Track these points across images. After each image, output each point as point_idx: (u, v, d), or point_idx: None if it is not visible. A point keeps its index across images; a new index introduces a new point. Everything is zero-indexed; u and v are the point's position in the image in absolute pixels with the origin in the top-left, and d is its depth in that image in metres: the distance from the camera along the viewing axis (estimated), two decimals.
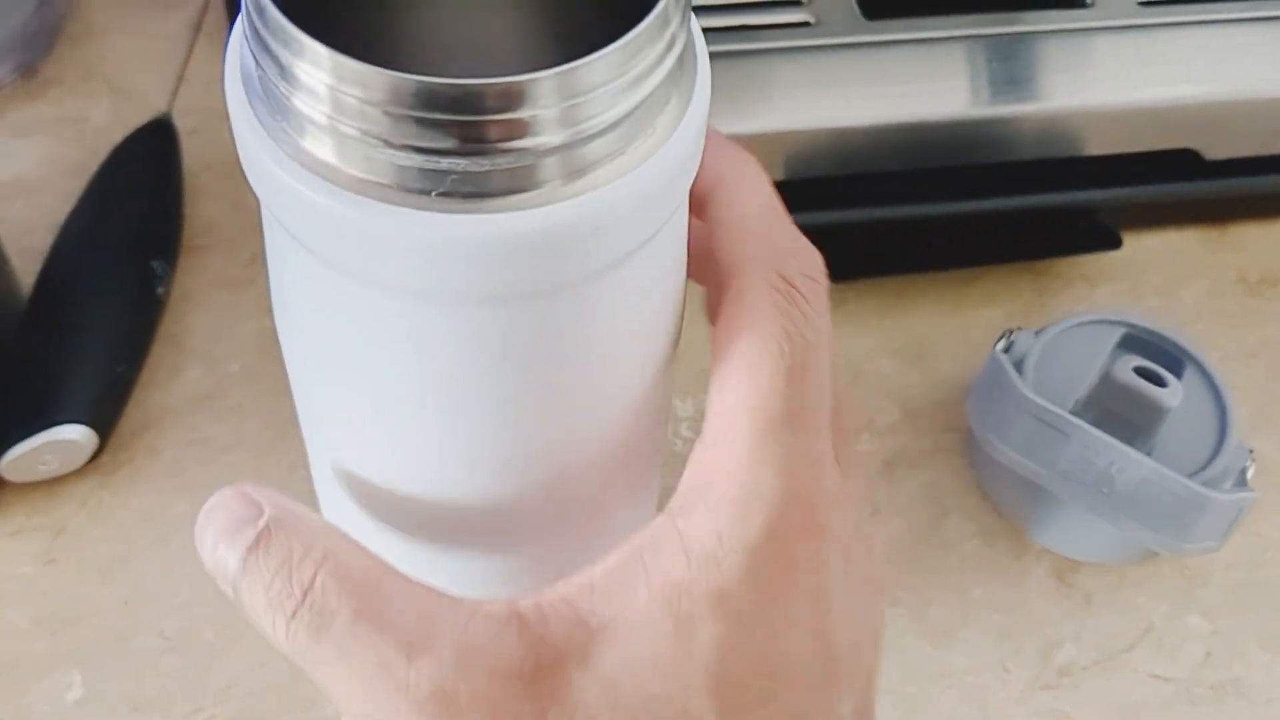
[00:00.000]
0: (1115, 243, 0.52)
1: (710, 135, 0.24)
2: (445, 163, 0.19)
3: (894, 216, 0.50)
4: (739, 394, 0.23)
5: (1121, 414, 0.42)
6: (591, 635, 0.21)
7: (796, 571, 0.22)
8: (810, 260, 0.24)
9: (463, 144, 0.19)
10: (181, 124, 0.53)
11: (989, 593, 0.45)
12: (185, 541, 0.45)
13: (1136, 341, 0.45)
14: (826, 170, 0.49)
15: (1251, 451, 0.43)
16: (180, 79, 0.56)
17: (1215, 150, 0.52)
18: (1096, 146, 0.51)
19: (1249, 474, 0.42)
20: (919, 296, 0.53)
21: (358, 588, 0.22)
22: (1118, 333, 0.45)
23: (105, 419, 0.45)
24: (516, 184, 0.20)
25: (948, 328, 0.52)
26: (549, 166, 0.20)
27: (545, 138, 0.19)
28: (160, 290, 0.48)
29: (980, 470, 0.47)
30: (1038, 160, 0.51)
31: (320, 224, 0.21)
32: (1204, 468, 0.42)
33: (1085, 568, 0.45)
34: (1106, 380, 0.42)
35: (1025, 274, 0.54)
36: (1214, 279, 0.55)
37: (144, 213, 0.49)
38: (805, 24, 0.49)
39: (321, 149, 0.20)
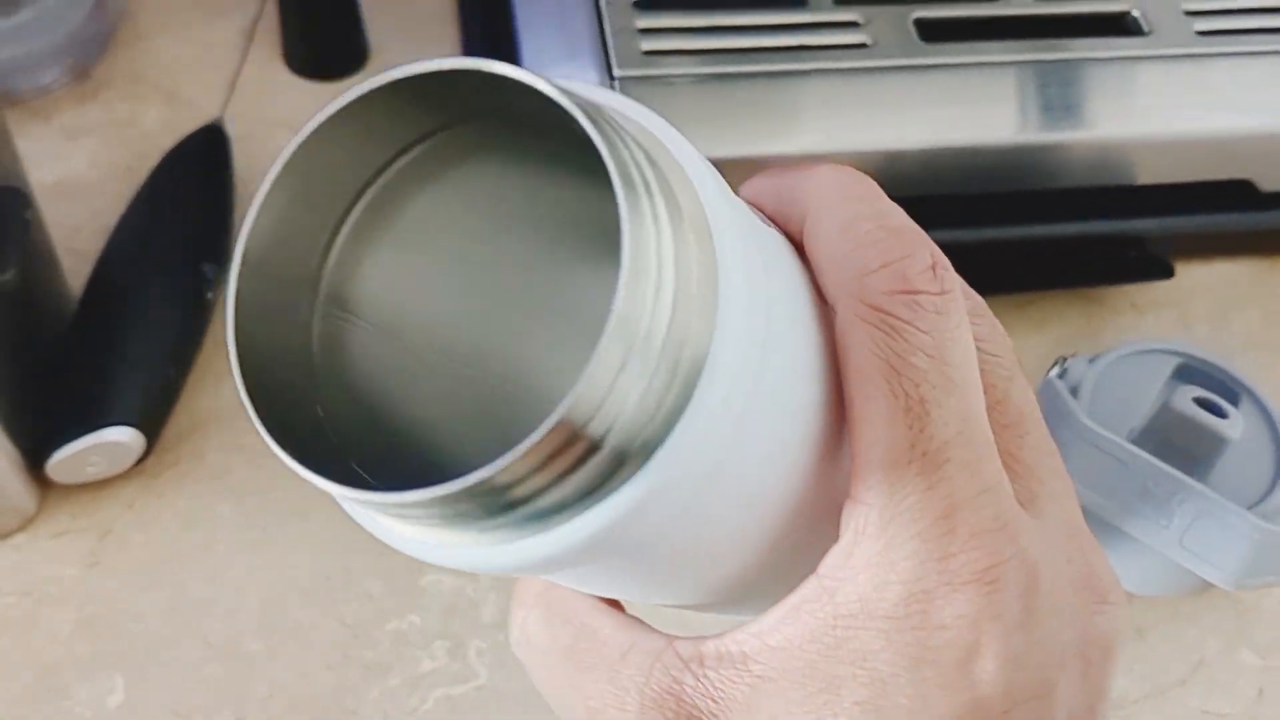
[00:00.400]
0: (1168, 272, 0.52)
1: (775, 174, 0.23)
2: (487, 521, 0.19)
3: (944, 240, 0.50)
4: (860, 445, 0.21)
5: (1179, 445, 0.41)
6: (755, 685, 0.22)
7: (939, 633, 0.21)
8: (906, 271, 0.22)
9: (495, 510, 0.18)
10: (232, 130, 0.53)
11: None
12: (229, 547, 0.45)
13: (1191, 371, 0.45)
14: None
15: None
16: (232, 86, 0.56)
17: (1271, 182, 0.52)
18: (1150, 175, 0.51)
19: None
20: None
21: (569, 629, 0.24)
22: (1173, 362, 0.45)
23: (153, 422, 0.45)
24: (570, 500, 0.19)
25: None
26: (594, 468, 0.18)
27: (581, 466, 0.18)
28: (210, 295, 0.48)
29: None
30: (1090, 188, 0.51)
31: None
32: (1261, 500, 0.41)
33: (1137, 600, 0.45)
34: (1165, 410, 0.42)
35: (1075, 301, 0.54)
36: (1265, 309, 0.54)
37: (195, 217, 0.49)
38: (862, 45, 0.48)
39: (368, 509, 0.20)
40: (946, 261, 0.22)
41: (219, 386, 0.48)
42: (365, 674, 0.43)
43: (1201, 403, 0.42)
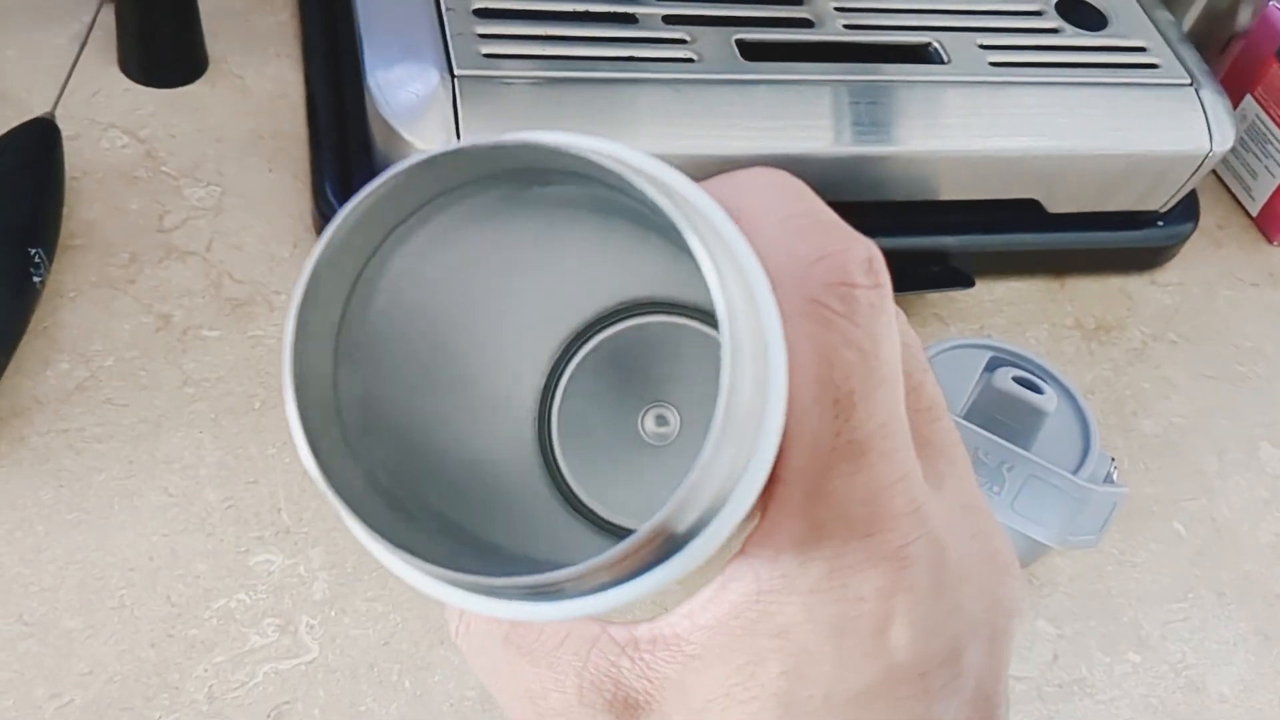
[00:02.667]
0: (968, 282, 0.56)
1: (716, 181, 0.23)
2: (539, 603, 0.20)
3: None
4: (790, 432, 0.21)
5: (1002, 420, 0.45)
6: (687, 665, 0.23)
7: (858, 605, 0.22)
8: (840, 266, 0.22)
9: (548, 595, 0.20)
10: (64, 131, 0.53)
11: None
12: (50, 528, 0.44)
13: (1003, 361, 0.48)
14: None
15: (1113, 459, 0.47)
16: (64, 87, 0.56)
17: (1056, 203, 0.57)
18: (949, 191, 0.55)
19: (1114, 477, 0.46)
20: None
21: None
22: (985, 355, 0.49)
23: None
24: (621, 579, 0.20)
25: None
26: (655, 551, 0.19)
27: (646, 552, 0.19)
28: (38, 280, 0.47)
29: None
30: (898, 202, 0.55)
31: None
32: (1075, 471, 0.45)
33: None
34: (988, 390, 0.45)
35: None
36: (1054, 324, 0.59)
37: (24, 201, 0.48)
38: (689, 60, 0.52)
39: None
40: (880, 257, 0.22)
41: (42, 373, 0.47)
42: (190, 650, 0.42)
43: (1019, 382, 0.45)
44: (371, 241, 0.20)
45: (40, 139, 0.51)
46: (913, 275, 0.56)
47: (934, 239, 0.56)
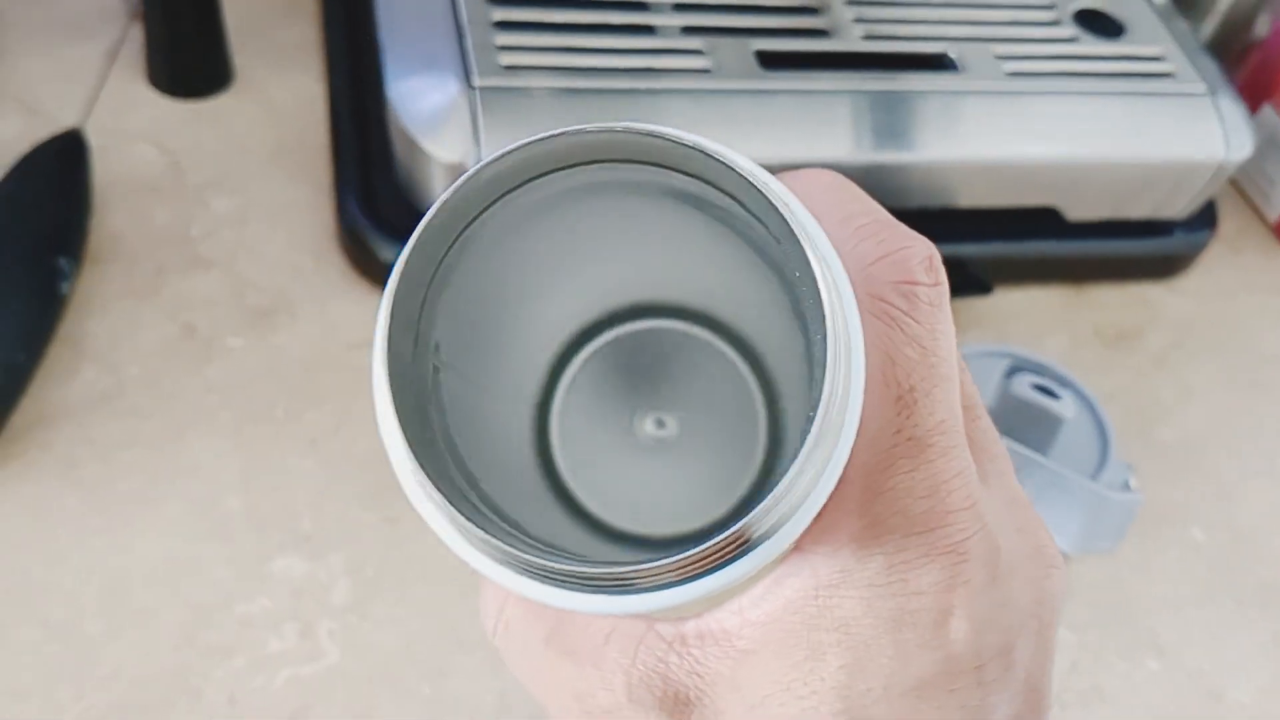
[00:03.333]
0: (986, 288, 0.56)
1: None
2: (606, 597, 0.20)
3: None
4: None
5: (1020, 427, 0.45)
6: (740, 659, 0.22)
7: (918, 598, 0.22)
8: (902, 264, 0.22)
9: (622, 590, 0.20)
10: (93, 143, 0.54)
11: None
12: (74, 534, 0.44)
13: (1021, 369, 0.49)
14: None
15: (1131, 466, 0.47)
16: (94, 101, 0.57)
17: (1075, 210, 0.57)
18: (968, 199, 0.55)
19: (1131, 485, 0.46)
20: None
21: (551, 613, 0.24)
22: (1004, 363, 0.49)
23: (1, 405, 0.45)
24: (690, 576, 0.20)
25: None
26: (729, 550, 0.20)
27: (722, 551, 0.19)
28: (65, 288, 0.48)
29: None
30: (915, 210, 0.55)
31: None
32: (1093, 478, 0.45)
33: None
34: (1005, 397, 0.45)
35: None
36: (1073, 332, 0.59)
37: (52, 212, 0.49)
38: (706, 70, 0.52)
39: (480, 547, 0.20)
40: (939, 256, 0.23)
41: (69, 382, 0.48)
42: (210, 654, 0.43)
43: (1036, 389, 0.45)
44: (457, 227, 0.21)
45: (69, 151, 0.52)
46: None
47: (952, 246, 0.56)
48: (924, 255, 0.23)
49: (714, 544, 0.18)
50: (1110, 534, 0.44)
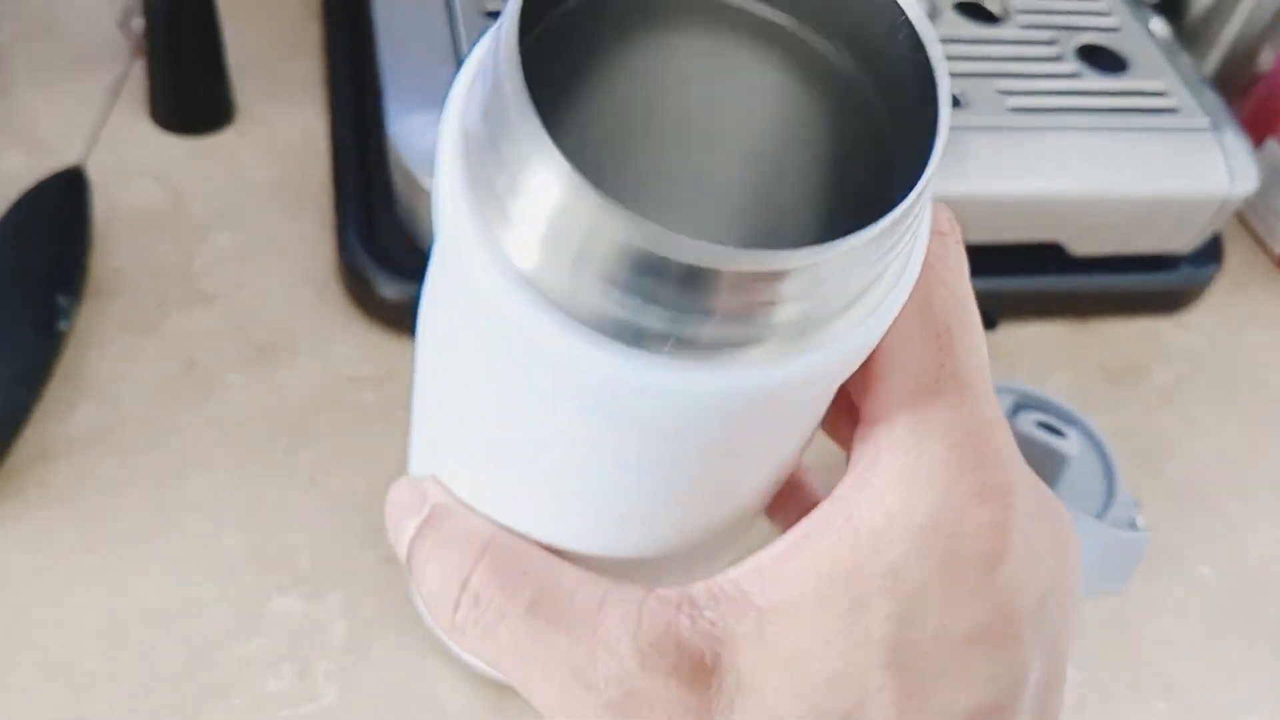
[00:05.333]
0: (990, 324, 0.56)
1: None
2: (679, 323, 0.18)
3: None
4: (889, 368, 0.22)
5: None
6: (764, 617, 0.21)
7: (969, 541, 0.21)
8: (936, 214, 0.23)
9: (703, 310, 0.18)
10: (94, 179, 0.54)
11: None
12: (72, 570, 0.44)
13: (1027, 406, 0.48)
14: None
15: (1138, 502, 0.46)
16: (96, 137, 0.57)
17: (1079, 245, 0.57)
18: (971, 234, 0.54)
19: (1139, 523, 0.45)
20: None
21: (529, 580, 0.22)
22: (1009, 399, 0.48)
23: None
24: (740, 342, 0.19)
25: None
26: (778, 331, 0.19)
27: (783, 313, 0.19)
28: (64, 325, 0.48)
29: None
30: None
31: (528, 343, 0.19)
32: (1100, 515, 0.44)
33: None
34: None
35: None
36: (1078, 367, 0.59)
37: (52, 249, 0.49)
38: None
39: (546, 271, 0.19)
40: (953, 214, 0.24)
41: (67, 418, 0.48)
42: (208, 694, 0.42)
43: (1041, 426, 0.45)
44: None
45: (70, 188, 0.52)
46: None
47: None
48: (947, 210, 0.24)
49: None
50: (1118, 574, 0.44)
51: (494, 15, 0.52)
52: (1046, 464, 0.45)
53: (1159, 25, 0.63)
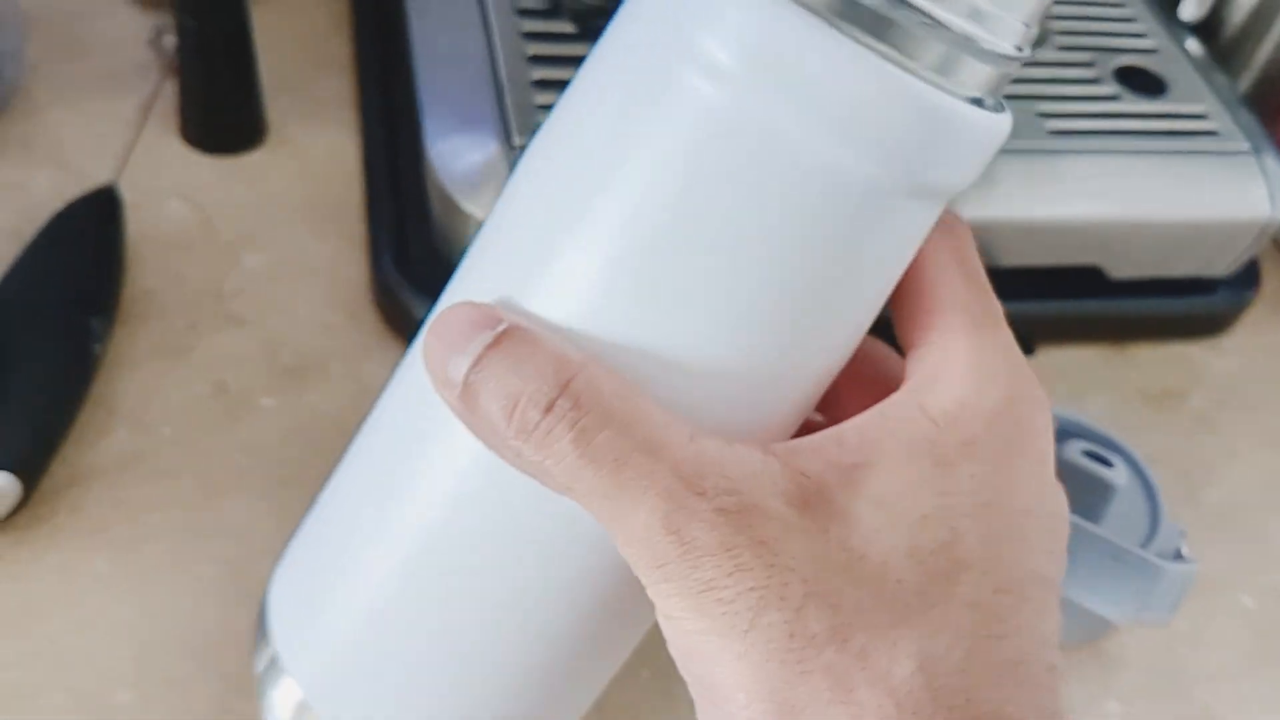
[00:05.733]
0: (1029, 349, 0.55)
1: None
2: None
3: None
4: (940, 301, 0.25)
5: (1072, 495, 0.44)
6: (850, 470, 0.23)
7: (1030, 435, 0.25)
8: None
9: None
10: (126, 199, 0.53)
11: None
12: (103, 599, 0.44)
13: (1069, 434, 0.48)
14: None
15: (1183, 531, 0.45)
16: (127, 157, 0.56)
17: (1117, 269, 0.56)
18: (1009, 258, 0.54)
19: (1184, 552, 0.44)
20: None
21: (620, 402, 0.22)
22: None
23: (32, 468, 0.44)
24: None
25: None
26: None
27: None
28: (96, 348, 0.47)
29: None
30: None
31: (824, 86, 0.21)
32: (1145, 544, 0.44)
33: None
34: (1057, 464, 0.44)
35: None
36: (1116, 392, 0.58)
37: (85, 271, 0.49)
38: None
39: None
40: None
41: (100, 442, 0.47)
42: None
43: (1087, 455, 0.44)
44: None
45: (102, 209, 0.52)
46: None
47: None
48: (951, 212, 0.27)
49: None
50: (1166, 604, 0.43)
51: (530, 37, 0.52)
52: (1094, 493, 0.44)
53: (1194, 46, 0.62)
